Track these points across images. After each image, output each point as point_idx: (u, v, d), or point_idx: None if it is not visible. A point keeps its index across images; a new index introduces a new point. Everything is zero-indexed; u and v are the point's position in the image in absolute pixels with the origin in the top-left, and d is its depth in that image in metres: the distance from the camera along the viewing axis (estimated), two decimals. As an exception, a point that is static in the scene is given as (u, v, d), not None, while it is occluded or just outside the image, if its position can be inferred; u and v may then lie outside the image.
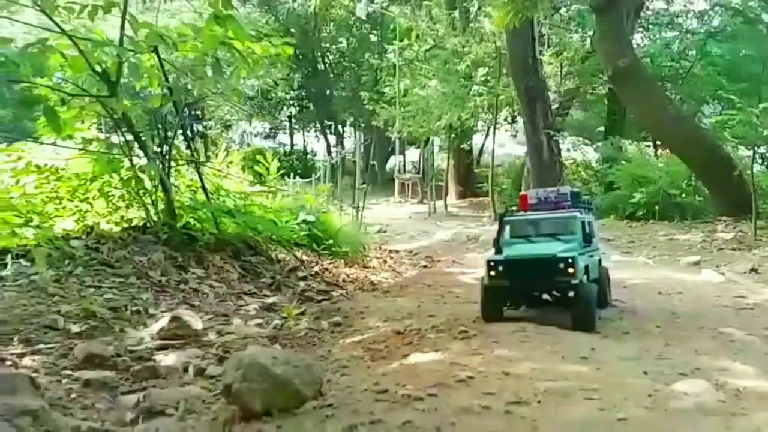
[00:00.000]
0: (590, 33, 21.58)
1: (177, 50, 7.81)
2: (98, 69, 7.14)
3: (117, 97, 7.15)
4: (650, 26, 25.69)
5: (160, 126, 8.25)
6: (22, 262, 6.35)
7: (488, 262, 5.56)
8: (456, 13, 25.20)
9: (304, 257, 9.65)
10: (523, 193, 6.27)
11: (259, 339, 4.70)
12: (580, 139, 26.47)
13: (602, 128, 24.95)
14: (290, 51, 8.86)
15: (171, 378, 3.99)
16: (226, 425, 2.81)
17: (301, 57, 35.58)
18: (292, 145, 43.15)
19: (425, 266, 11.60)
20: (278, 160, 13.40)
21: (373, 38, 36.03)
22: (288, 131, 43.32)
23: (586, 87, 24.92)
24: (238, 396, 2.94)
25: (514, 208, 6.46)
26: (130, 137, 7.71)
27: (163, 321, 5.08)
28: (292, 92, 35.61)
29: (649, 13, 26.25)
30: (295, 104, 39.48)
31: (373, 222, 19.85)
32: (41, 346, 4.49)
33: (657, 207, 17.02)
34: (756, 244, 12.35)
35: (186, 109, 9.20)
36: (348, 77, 37.08)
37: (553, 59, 23.33)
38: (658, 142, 21.77)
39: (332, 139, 40.97)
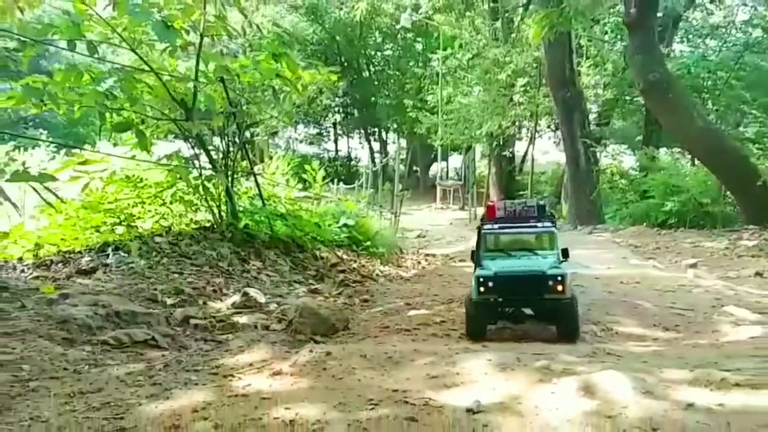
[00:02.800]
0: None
1: (239, 79, 9.95)
2: (176, 97, 9.30)
3: (192, 121, 9.27)
4: (689, 37, 26.93)
5: (223, 142, 10.35)
6: (120, 253, 8.46)
7: (478, 278, 5.65)
8: (498, 24, 26.94)
9: (344, 256, 11.61)
10: (490, 203, 6.58)
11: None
12: (621, 147, 27.98)
13: (640, 137, 26.36)
14: (335, 78, 10.90)
15: (246, 330, 5.98)
16: (294, 333, 4.86)
17: (346, 64, 37.71)
18: (337, 152, 45.44)
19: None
20: (322, 166, 15.49)
21: (417, 46, 37.91)
22: (332, 137, 45.64)
23: (624, 97, 26.29)
24: (294, 325, 5.00)
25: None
26: (199, 152, 9.86)
27: (235, 297, 7.11)
28: (337, 99, 37.55)
29: (695, 22, 27.62)
30: (340, 111, 41.61)
31: (414, 227, 21.68)
32: (150, 310, 6.54)
33: (688, 215, 18.50)
34: (776, 252, 13.45)
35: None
36: (392, 85, 38.98)
37: (590, 70, 24.82)
38: (693, 152, 23.11)
39: (376, 145, 43.03)
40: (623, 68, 24.47)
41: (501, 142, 28.89)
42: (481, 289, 5.56)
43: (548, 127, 31.41)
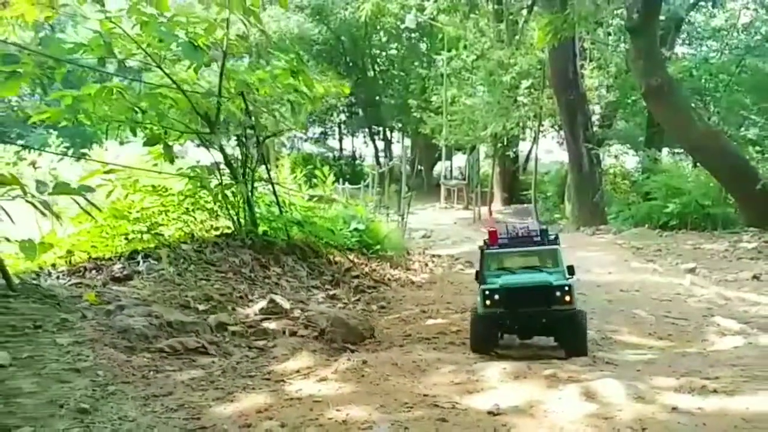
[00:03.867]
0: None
1: (258, 93, 10.56)
2: (200, 111, 9.91)
3: (216, 134, 9.90)
4: (692, 40, 27.51)
5: (242, 153, 10.96)
6: (150, 260, 9.07)
7: (483, 291, 5.67)
8: (502, 26, 27.50)
9: (356, 260, 12.22)
10: (491, 229, 6.45)
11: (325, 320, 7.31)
12: (624, 147, 28.57)
13: (643, 138, 26.97)
14: (347, 91, 11.54)
15: (277, 336, 6.61)
16: (329, 342, 5.52)
17: (351, 64, 38.38)
18: (341, 151, 46.18)
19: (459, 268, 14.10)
20: (331, 171, 16.10)
21: (422, 47, 38.55)
22: (337, 137, 46.38)
23: (627, 99, 26.88)
24: (328, 334, 5.67)
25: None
26: (220, 161, 10.47)
27: (262, 303, 7.72)
28: (342, 99, 38.20)
29: (697, 24, 28.20)
30: (345, 110, 42.35)
31: (419, 227, 22.31)
32: (196, 320, 7.12)
33: (689, 217, 19.08)
34: (775, 254, 13.91)
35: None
36: (396, 85, 39.66)
37: (594, 72, 25.40)
38: (695, 154, 23.68)
39: (380, 144, 43.75)
40: (626, 70, 25.01)
41: (505, 143, 29.48)
42: (487, 302, 5.61)
43: (552, 126, 31.99)
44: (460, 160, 37.56)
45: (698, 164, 21.60)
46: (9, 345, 4.64)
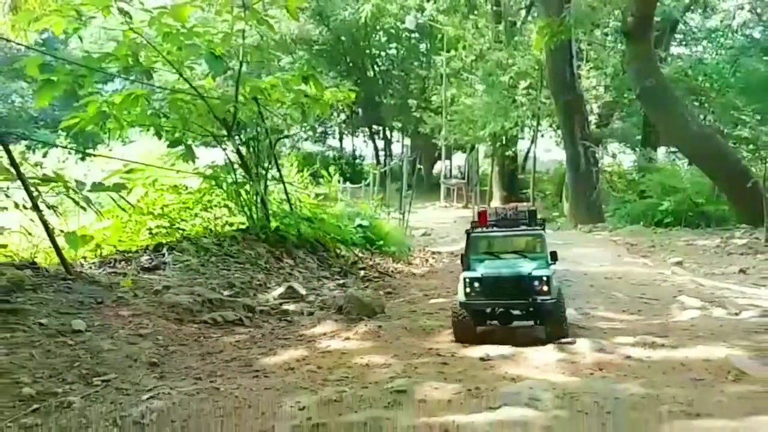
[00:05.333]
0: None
1: (271, 98, 11.61)
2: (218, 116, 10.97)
3: (232, 138, 10.97)
4: (688, 41, 28.56)
5: (255, 154, 12.01)
6: (175, 252, 10.12)
7: (464, 279, 5.96)
8: (501, 27, 28.58)
9: (360, 254, 13.27)
10: (481, 209, 6.72)
11: (342, 299, 8.42)
12: (621, 146, 29.61)
13: (639, 137, 28.01)
14: (353, 96, 12.61)
15: (295, 316, 7.69)
16: (347, 314, 6.63)
17: (351, 64, 39.43)
18: (341, 150, 47.31)
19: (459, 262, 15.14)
20: (336, 173, 17.18)
21: (422, 47, 39.63)
22: (337, 136, 47.53)
23: (623, 99, 27.92)
24: (346, 308, 6.80)
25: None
26: (233, 160, 11.54)
27: (280, 289, 8.79)
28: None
29: (692, 23, 29.27)
30: (345, 110, 43.41)
31: (419, 226, 23.27)
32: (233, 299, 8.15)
33: (684, 215, 20.07)
34: (764, 250, 14.75)
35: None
36: (396, 85, 40.74)
37: (591, 73, 26.43)
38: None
39: (380, 143, 44.85)
40: (623, 70, 25.97)
41: (504, 142, 30.50)
42: (468, 290, 5.87)
43: (550, 126, 32.99)
44: (459, 159, 38.59)
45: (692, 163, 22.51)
46: (81, 315, 5.71)
